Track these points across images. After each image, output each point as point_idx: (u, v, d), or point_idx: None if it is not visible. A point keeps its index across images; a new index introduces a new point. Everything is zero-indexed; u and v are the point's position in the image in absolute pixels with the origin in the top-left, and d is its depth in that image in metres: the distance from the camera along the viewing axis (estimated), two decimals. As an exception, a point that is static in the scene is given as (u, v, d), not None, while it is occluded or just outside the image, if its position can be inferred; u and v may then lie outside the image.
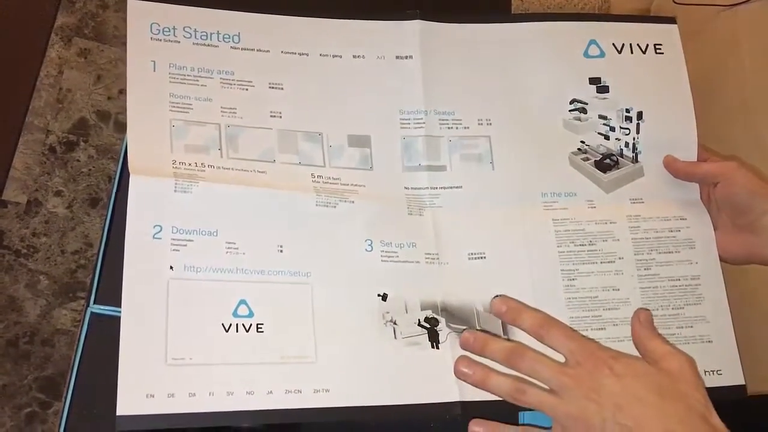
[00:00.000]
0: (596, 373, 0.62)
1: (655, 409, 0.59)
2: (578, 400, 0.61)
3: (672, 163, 0.81)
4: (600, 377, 0.61)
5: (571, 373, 0.62)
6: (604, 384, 0.61)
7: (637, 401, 0.60)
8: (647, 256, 0.78)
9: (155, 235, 0.68)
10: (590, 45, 0.84)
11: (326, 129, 0.78)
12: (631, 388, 0.61)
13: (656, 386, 0.61)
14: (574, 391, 0.61)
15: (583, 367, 0.62)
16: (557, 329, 0.66)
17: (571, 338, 0.65)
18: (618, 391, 0.60)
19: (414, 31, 0.81)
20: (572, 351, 0.64)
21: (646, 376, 0.62)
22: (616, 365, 0.62)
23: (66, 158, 1.66)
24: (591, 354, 0.63)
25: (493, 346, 0.66)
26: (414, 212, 0.77)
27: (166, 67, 0.76)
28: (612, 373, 0.62)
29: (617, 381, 0.61)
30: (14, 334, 1.52)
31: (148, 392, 0.63)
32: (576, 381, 0.62)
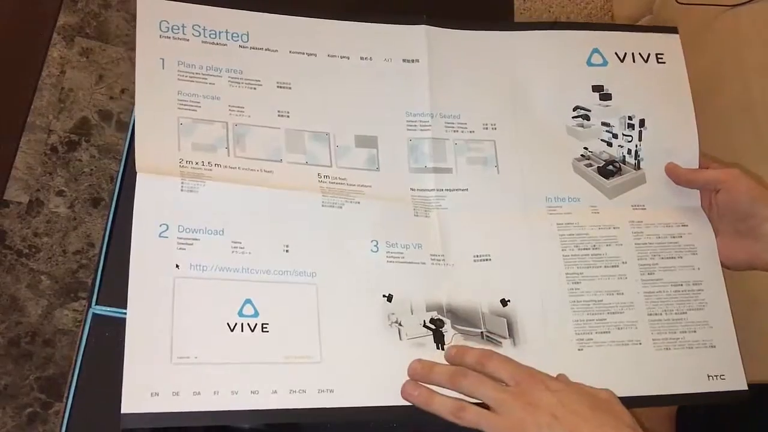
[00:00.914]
0: (533, 388, 0.65)
1: (589, 419, 0.63)
2: (516, 412, 0.63)
3: (673, 170, 0.82)
4: (537, 392, 0.64)
5: (510, 390, 0.65)
6: (540, 398, 0.64)
7: (571, 412, 0.63)
8: (650, 261, 0.78)
9: (161, 234, 0.68)
10: (593, 53, 0.85)
11: (333, 129, 0.78)
12: (566, 400, 0.64)
13: (589, 401, 0.65)
14: (512, 405, 0.63)
15: (521, 385, 0.65)
16: (497, 357, 0.68)
17: (510, 363, 0.68)
18: (554, 403, 0.63)
19: (420, 35, 0.82)
20: (511, 373, 0.66)
21: (579, 393, 0.66)
22: (551, 383, 0.66)
23: (68, 158, 1.65)
24: (529, 375, 0.66)
25: (436, 369, 0.68)
26: (420, 213, 0.77)
27: (174, 64, 0.76)
28: (547, 388, 0.65)
29: (553, 395, 0.64)
30: (16, 334, 1.52)
31: (153, 390, 0.63)
32: (514, 396, 0.64)
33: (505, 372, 0.66)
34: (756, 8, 1.27)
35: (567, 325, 0.75)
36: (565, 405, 0.63)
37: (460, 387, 0.66)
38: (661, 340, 0.76)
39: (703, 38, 1.33)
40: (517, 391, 0.65)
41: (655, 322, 0.76)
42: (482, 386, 0.65)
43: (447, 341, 0.71)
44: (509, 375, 0.66)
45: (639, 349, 0.75)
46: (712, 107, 0.87)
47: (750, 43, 1.26)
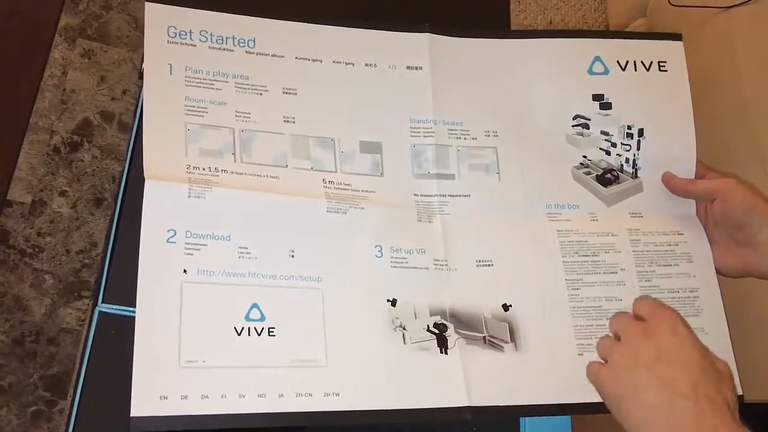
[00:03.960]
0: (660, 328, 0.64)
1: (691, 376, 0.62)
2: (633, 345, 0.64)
3: (670, 180, 0.83)
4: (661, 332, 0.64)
5: (640, 325, 0.66)
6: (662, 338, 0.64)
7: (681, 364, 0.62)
8: (648, 268, 0.80)
9: (169, 239, 0.69)
10: (595, 62, 0.85)
11: (338, 135, 0.79)
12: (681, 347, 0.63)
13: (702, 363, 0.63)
14: (633, 337, 0.65)
15: (652, 324, 0.65)
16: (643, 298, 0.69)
17: (651, 303, 0.68)
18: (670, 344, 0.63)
19: (424, 43, 0.83)
20: (649, 311, 0.67)
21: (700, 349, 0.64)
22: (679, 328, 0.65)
23: (70, 158, 1.66)
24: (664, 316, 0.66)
25: None
26: (423, 219, 0.78)
27: (182, 70, 0.76)
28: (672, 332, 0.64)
29: (674, 338, 0.64)
30: (20, 333, 1.53)
31: (161, 394, 0.64)
32: (637, 330, 0.65)
33: (645, 307, 0.67)
34: (749, 10, 1.28)
35: (567, 330, 0.76)
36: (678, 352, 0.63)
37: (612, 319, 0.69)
38: None
39: (697, 40, 1.34)
40: (644, 327, 0.65)
41: None
42: (621, 317, 0.68)
43: (450, 345, 0.72)
44: (647, 311, 0.67)
45: None
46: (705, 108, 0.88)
47: (743, 45, 1.27)
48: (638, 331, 0.65)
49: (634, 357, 0.63)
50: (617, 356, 0.65)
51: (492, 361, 0.73)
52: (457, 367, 0.71)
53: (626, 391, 0.63)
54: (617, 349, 0.65)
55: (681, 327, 0.65)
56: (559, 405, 0.73)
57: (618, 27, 1.87)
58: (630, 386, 0.63)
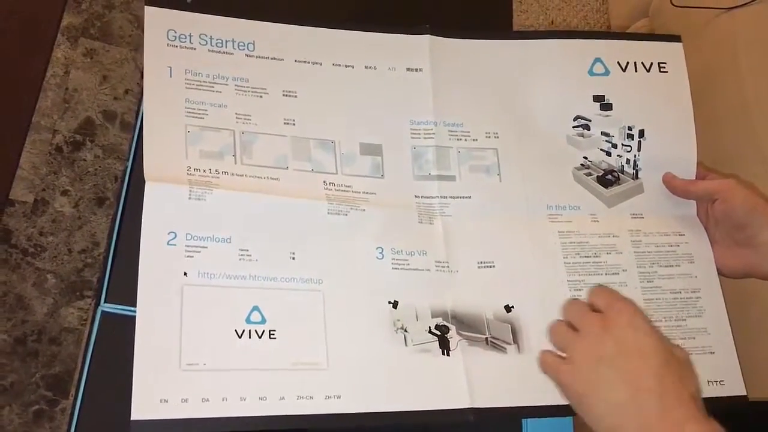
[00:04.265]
0: (618, 321, 0.64)
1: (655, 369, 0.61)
2: (592, 338, 0.64)
3: (670, 181, 0.83)
4: (620, 325, 0.64)
5: (598, 317, 0.65)
6: (620, 331, 0.63)
7: (640, 355, 0.62)
8: (649, 269, 0.80)
9: (170, 242, 0.69)
10: (595, 63, 0.85)
11: (338, 137, 0.79)
12: (642, 342, 0.63)
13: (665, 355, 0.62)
14: (591, 330, 0.65)
15: (610, 316, 0.65)
16: (600, 288, 0.69)
17: (607, 293, 0.68)
18: (629, 339, 0.63)
19: (424, 44, 0.83)
20: (606, 302, 0.66)
21: (659, 340, 0.63)
22: (638, 320, 0.64)
23: (72, 158, 1.66)
24: (622, 307, 0.65)
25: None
26: (424, 221, 0.78)
27: (182, 73, 0.76)
28: (632, 324, 0.64)
29: (633, 331, 0.63)
30: (22, 332, 1.53)
31: (162, 397, 0.64)
32: (595, 323, 0.64)
33: (601, 297, 0.67)
34: (751, 11, 1.28)
35: None
36: (638, 343, 0.63)
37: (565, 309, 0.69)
38: None
39: (699, 41, 1.34)
40: (602, 319, 0.65)
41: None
42: (576, 308, 0.68)
43: (452, 347, 0.72)
44: (604, 301, 0.66)
45: None
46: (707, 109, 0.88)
47: (745, 46, 1.27)
48: (596, 323, 0.64)
49: (595, 352, 0.63)
50: (577, 351, 0.65)
51: (494, 362, 0.73)
52: (459, 369, 0.71)
53: (590, 389, 0.63)
54: (576, 342, 0.65)
55: (639, 318, 0.64)
56: (561, 406, 0.72)
57: (620, 28, 1.87)
58: (593, 384, 0.62)
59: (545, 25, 2.01)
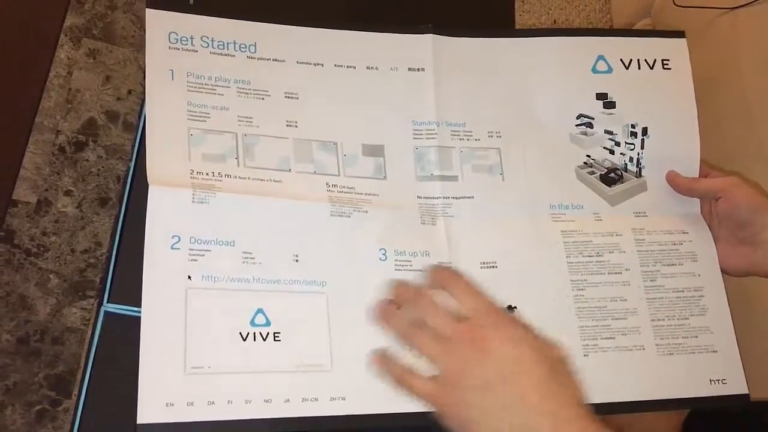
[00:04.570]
0: (490, 331, 0.62)
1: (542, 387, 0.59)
2: (464, 354, 0.61)
3: (674, 179, 0.83)
4: (492, 338, 0.61)
5: (465, 326, 0.62)
6: (494, 345, 0.61)
7: (525, 375, 0.60)
8: (652, 267, 0.80)
9: (173, 246, 0.69)
10: (598, 60, 0.85)
11: (341, 138, 0.79)
12: (520, 356, 0.60)
13: (542, 358, 0.61)
14: (462, 343, 0.61)
15: (479, 324, 0.62)
16: (462, 283, 0.66)
17: (473, 294, 0.65)
18: (507, 356, 0.60)
19: (426, 44, 0.83)
20: (473, 307, 0.64)
21: (537, 348, 0.62)
22: (510, 329, 0.63)
23: (75, 158, 1.67)
24: (489, 312, 0.64)
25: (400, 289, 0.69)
26: (427, 221, 0.78)
27: (184, 76, 0.76)
28: (505, 336, 0.61)
29: (508, 345, 0.61)
30: (25, 332, 1.53)
31: (167, 401, 0.64)
32: (466, 334, 0.61)
33: (467, 300, 0.65)
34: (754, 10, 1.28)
35: (572, 331, 0.76)
36: (516, 358, 0.60)
37: (417, 306, 0.66)
38: (663, 346, 0.77)
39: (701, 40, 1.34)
40: (472, 329, 0.62)
41: (658, 328, 0.77)
42: (438, 312, 0.64)
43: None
44: (470, 305, 0.64)
45: (642, 355, 0.76)
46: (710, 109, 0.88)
47: (748, 46, 1.27)
48: (468, 337, 0.61)
49: (477, 377, 0.60)
50: (452, 372, 0.61)
51: None
52: None
53: (477, 415, 0.60)
54: (447, 358, 0.62)
55: (512, 327, 0.62)
56: None
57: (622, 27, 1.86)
58: (480, 411, 0.60)
59: (547, 25, 2.01)
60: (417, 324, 0.65)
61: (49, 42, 1.70)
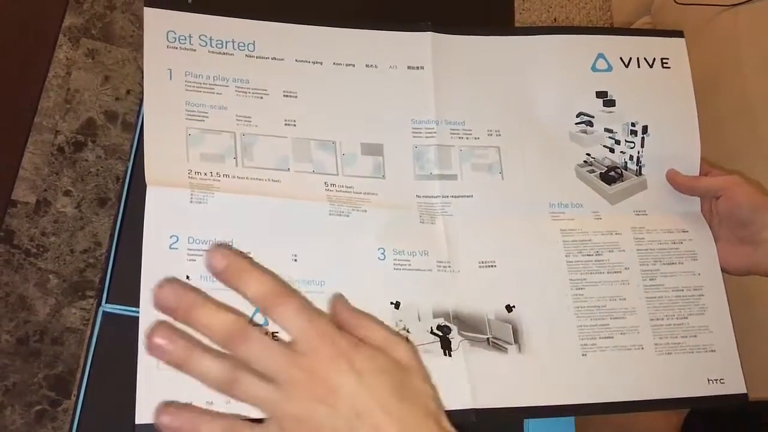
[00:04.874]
0: (333, 366, 0.51)
1: (395, 416, 0.51)
2: (307, 400, 0.50)
3: (674, 177, 0.83)
4: (338, 373, 0.51)
5: (304, 364, 0.51)
6: (342, 383, 0.51)
7: (378, 407, 0.51)
8: (652, 266, 0.79)
9: (172, 246, 0.69)
10: (598, 59, 0.85)
11: (339, 137, 0.78)
12: (372, 389, 0.51)
13: (396, 386, 0.53)
14: (303, 387, 0.50)
15: (318, 358, 0.51)
16: (291, 302, 0.52)
17: (306, 317, 0.52)
18: (358, 393, 0.51)
19: (426, 42, 0.82)
20: (306, 333, 0.52)
21: (386, 373, 0.53)
22: (356, 358, 0.52)
23: (74, 158, 1.67)
24: (329, 341, 0.52)
25: (203, 314, 0.52)
26: (426, 220, 0.78)
27: (182, 75, 0.76)
28: (351, 368, 0.51)
29: (357, 380, 0.51)
30: (24, 332, 1.53)
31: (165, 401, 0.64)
32: (308, 375, 0.50)
33: (297, 328, 0.52)
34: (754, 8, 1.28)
35: (571, 330, 0.76)
36: (370, 393, 0.51)
37: (236, 350, 0.51)
38: (662, 345, 0.77)
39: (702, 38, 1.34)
40: (313, 367, 0.51)
41: (656, 327, 0.77)
42: (268, 354, 0.51)
43: (454, 348, 0.72)
44: (302, 333, 0.52)
45: (641, 354, 0.76)
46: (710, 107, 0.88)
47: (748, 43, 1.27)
48: (304, 376, 0.50)
49: (321, 416, 0.50)
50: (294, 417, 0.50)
51: (496, 362, 0.73)
52: (461, 370, 0.71)
53: None
54: (283, 406, 0.50)
55: (351, 352, 0.53)
56: (563, 406, 0.73)
57: (622, 25, 1.87)
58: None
59: (548, 23, 2.01)
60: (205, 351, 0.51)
61: (47, 42, 1.71)
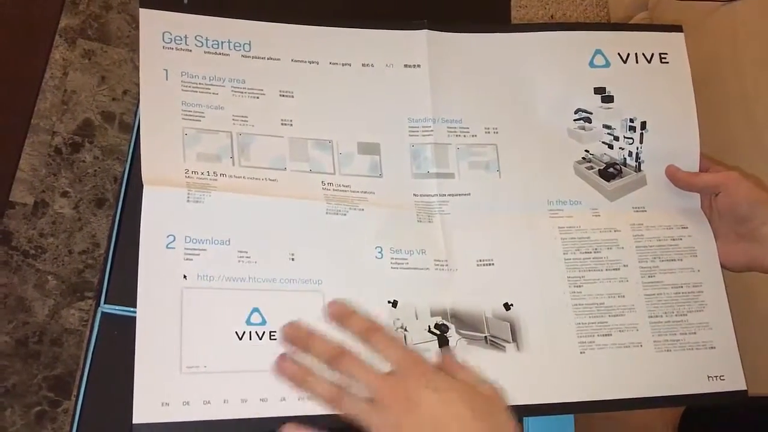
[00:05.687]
0: (416, 382, 0.61)
1: (468, 423, 0.59)
2: (394, 409, 0.59)
3: (674, 173, 0.82)
4: (419, 387, 0.60)
5: (392, 382, 0.61)
6: (421, 395, 0.60)
7: (453, 416, 0.59)
8: (651, 263, 0.79)
9: (168, 245, 0.69)
10: (596, 54, 0.85)
11: (336, 136, 0.78)
12: (449, 403, 0.59)
13: (471, 403, 0.60)
14: (391, 400, 0.60)
15: (404, 375, 0.61)
16: (384, 335, 0.65)
17: (397, 345, 0.64)
18: (435, 403, 0.59)
19: (422, 40, 0.82)
20: (397, 357, 0.63)
21: (464, 392, 0.61)
22: (436, 378, 0.62)
23: (72, 159, 1.66)
24: (414, 363, 0.63)
25: (316, 342, 0.65)
26: (423, 219, 0.77)
27: (178, 75, 0.76)
28: (429, 386, 0.60)
29: (436, 395, 0.60)
30: (23, 334, 1.53)
31: (163, 400, 0.64)
32: (394, 390, 0.60)
33: (391, 353, 0.63)
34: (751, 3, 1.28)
35: (569, 328, 0.76)
36: (447, 406, 0.59)
37: (339, 368, 0.63)
38: (661, 342, 0.77)
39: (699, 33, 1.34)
40: (398, 384, 0.61)
41: (655, 325, 0.77)
42: (362, 373, 0.62)
43: (451, 346, 0.72)
44: (395, 358, 0.63)
45: (640, 352, 0.76)
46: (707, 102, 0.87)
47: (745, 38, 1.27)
48: (393, 393, 0.60)
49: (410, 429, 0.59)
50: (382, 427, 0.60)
51: (494, 361, 0.73)
52: None
53: None
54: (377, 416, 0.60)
55: (442, 382, 0.61)
56: (562, 404, 0.73)
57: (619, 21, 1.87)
58: None
59: (544, 20, 2.00)
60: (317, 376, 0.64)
61: (44, 43, 1.70)
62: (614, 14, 1.96)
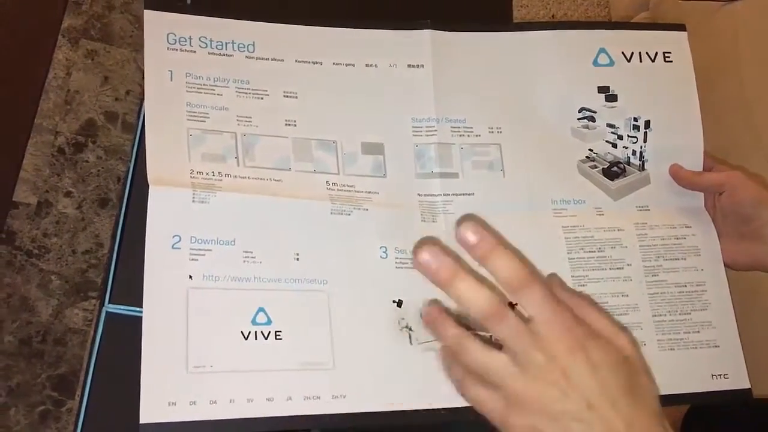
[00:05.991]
0: (572, 356, 0.51)
1: (624, 413, 0.51)
2: (542, 381, 0.51)
3: (677, 172, 0.82)
4: (575, 363, 0.51)
5: (545, 348, 0.51)
6: (577, 372, 0.51)
7: (609, 402, 0.51)
8: (654, 262, 0.79)
9: (174, 245, 0.69)
10: (600, 53, 0.85)
11: (340, 137, 0.79)
12: (605, 383, 0.51)
13: (626, 382, 0.52)
14: (541, 369, 0.51)
15: (559, 345, 0.51)
16: (537, 289, 0.52)
17: (551, 305, 0.52)
18: (592, 386, 0.51)
19: (425, 40, 0.82)
20: (550, 320, 0.52)
21: (618, 368, 0.52)
22: (593, 350, 0.52)
23: (75, 159, 1.67)
24: (569, 330, 0.52)
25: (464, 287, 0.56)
26: (427, 219, 0.78)
27: (182, 76, 0.76)
28: (588, 360, 0.51)
29: (592, 373, 0.51)
30: (27, 333, 1.54)
31: (170, 400, 0.64)
32: (547, 359, 0.51)
33: (541, 312, 0.52)
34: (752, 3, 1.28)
35: None
36: (602, 387, 0.51)
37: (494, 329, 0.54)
38: (665, 341, 0.77)
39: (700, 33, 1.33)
40: (551, 351, 0.51)
41: (659, 323, 0.77)
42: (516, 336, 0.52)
43: (456, 346, 0.72)
44: (544, 318, 0.52)
45: (644, 350, 0.75)
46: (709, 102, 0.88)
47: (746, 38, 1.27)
48: (544, 361, 0.51)
49: (558, 407, 0.51)
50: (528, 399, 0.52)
51: None
52: None
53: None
54: (516, 379, 0.52)
55: (589, 345, 0.52)
56: None
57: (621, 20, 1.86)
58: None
59: (546, 19, 2.00)
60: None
61: (47, 43, 1.70)
62: (615, 14, 1.96)
